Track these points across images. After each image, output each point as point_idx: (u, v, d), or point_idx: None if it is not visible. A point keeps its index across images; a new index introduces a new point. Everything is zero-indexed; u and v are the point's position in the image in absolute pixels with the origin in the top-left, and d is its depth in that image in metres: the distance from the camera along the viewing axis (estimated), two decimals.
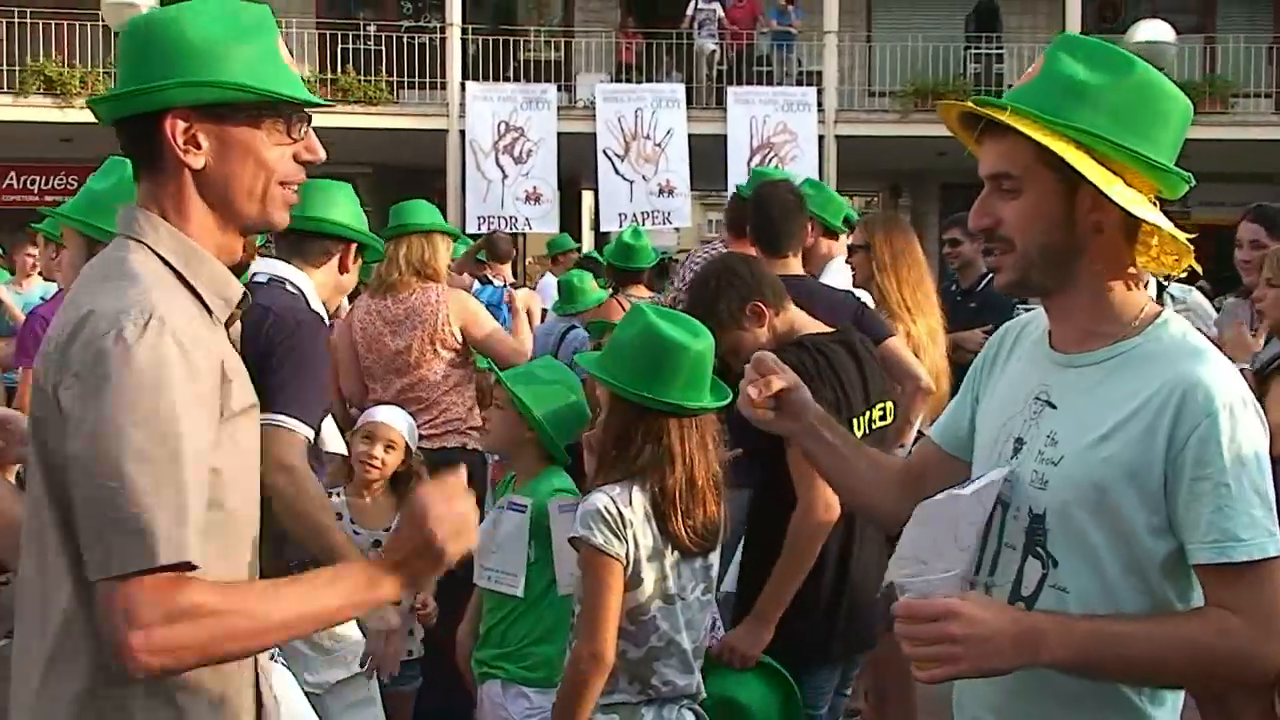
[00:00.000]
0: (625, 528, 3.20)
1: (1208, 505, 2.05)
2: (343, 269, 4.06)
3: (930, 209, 23.28)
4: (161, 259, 2.05)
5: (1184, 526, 2.08)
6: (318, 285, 3.98)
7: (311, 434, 3.66)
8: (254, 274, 3.93)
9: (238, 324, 2.21)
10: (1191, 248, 2.20)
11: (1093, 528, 2.14)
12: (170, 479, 1.88)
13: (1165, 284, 6.34)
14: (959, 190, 20.20)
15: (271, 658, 2.27)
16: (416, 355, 5.66)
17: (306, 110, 2.17)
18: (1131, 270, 2.23)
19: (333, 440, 4.17)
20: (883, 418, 4.23)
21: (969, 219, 2.29)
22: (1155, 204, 2.19)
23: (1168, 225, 2.16)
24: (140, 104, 2.06)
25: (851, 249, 5.86)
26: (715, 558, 3.43)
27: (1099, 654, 2.07)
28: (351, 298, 5.81)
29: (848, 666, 4.31)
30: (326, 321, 4.00)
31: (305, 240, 3.97)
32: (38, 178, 22.22)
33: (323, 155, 2.20)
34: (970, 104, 2.22)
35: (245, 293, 2.16)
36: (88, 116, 2.25)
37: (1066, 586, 2.17)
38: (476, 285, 9.70)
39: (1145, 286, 6.15)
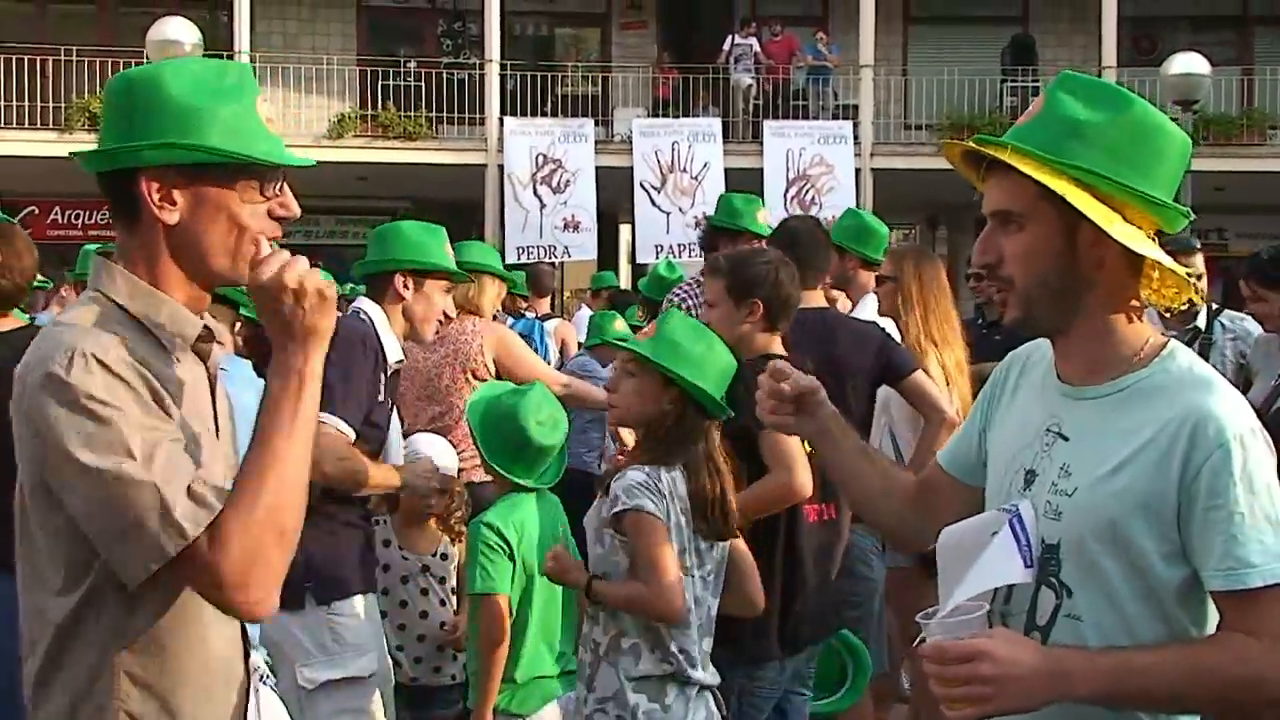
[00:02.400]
0: (662, 497, 3.57)
1: (1221, 534, 2.08)
2: (395, 299, 4.43)
3: (967, 241, 23.23)
4: (117, 305, 2.14)
5: (1199, 555, 2.12)
6: (393, 319, 4.41)
7: (349, 430, 4.07)
8: (351, 308, 4.50)
9: (216, 358, 2.30)
10: (1191, 282, 2.25)
11: (1107, 557, 2.17)
12: (137, 480, 1.96)
13: (1218, 311, 6.37)
14: None
15: (262, 679, 2.33)
16: (448, 383, 5.72)
17: (281, 168, 2.22)
18: (1134, 303, 2.27)
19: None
20: None
21: (974, 256, 2.35)
22: (1155, 239, 2.23)
23: (1167, 260, 2.20)
24: (118, 160, 2.14)
25: (879, 280, 5.90)
26: (723, 546, 3.76)
27: (1124, 687, 2.10)
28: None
29: (802, 664, 4.39)
30: (380, 345, 4.34)
31: (369, 283, 4.51)
32: (81, 213, 22.50)
33: (297, 211, 2.24)
34: (972, 144, 2.27)
35: (206, 327, 2.23)
36: None
37: (1081, 616, 2.20)
38: (510, 320, 9.75)
39: (1196, 317, 6.18)
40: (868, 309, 5.99)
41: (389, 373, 4.34)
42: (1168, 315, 2.45)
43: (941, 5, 23.56)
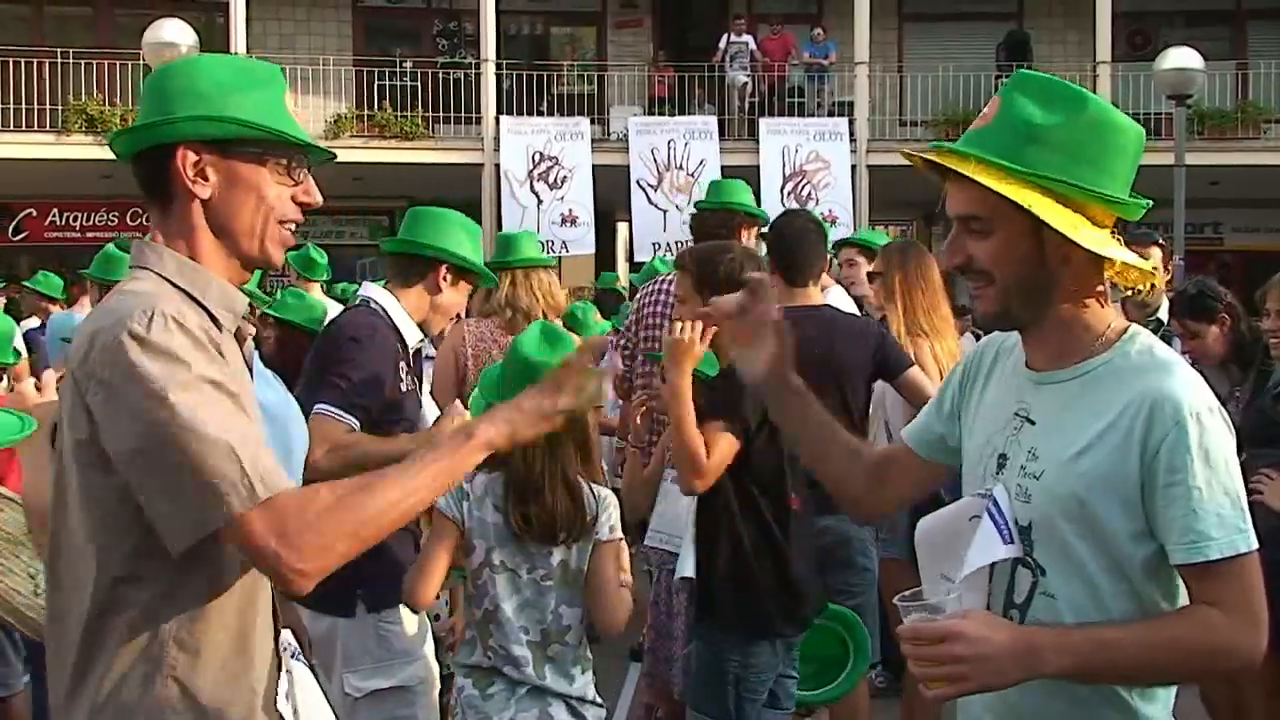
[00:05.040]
0: (463, 499, 3.70)
1: (1180, 509, 2.16)
2: (433, 289, 4.32)
3: None
4: (168, 281, 2.19)
5: (1161, 530, 2.19)
6: (409, 306, 4.29)
7: (351, 420, 4.03)
8: (358, 296, 4.38)
9: (250, 342, 2.35)
10: (1154, 275, 2.32)
11: (1076, 536, 2.24)
12: (220, 428, 2.00)
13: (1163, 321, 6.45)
14: None
15: (293, 655, 2.37)
16: None
17: (307, 157, 2.31)
18: (1100, 288, 2.34)
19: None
20: None
21: (943, 258, 2.41)
22: (1117, 230, 2.31)
23: (1132, 258, 2.28)
24: (155, 136, 2.22)
25: (870, 276, 5.96)
26: (562, 551, 3.72)
27: (1096, 662, 2.17)
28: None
29: (790, 647, 4.41)
30: (412, 336, 4.31)
31: (398, 263, 4.36)
32: (79, 214, 22.57)
33: (319, 199, 2.33)
34: (934, 155, 2.32)
35: (250, 303, 2.29)
36: None
37: (1056, 593, 2.27)
38: None
39: (1156, 311, 6.22)
40: (834, 300, 6.01)
41: (410, 358, 4.29)
42: (1137, 293, 2.50)
43: (936, 2, 23.61)
